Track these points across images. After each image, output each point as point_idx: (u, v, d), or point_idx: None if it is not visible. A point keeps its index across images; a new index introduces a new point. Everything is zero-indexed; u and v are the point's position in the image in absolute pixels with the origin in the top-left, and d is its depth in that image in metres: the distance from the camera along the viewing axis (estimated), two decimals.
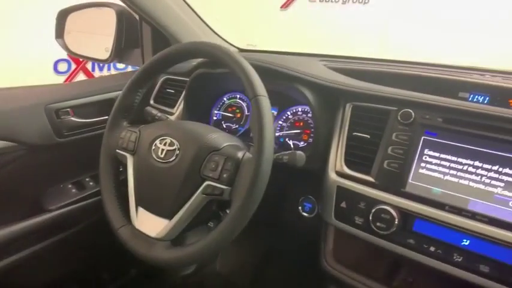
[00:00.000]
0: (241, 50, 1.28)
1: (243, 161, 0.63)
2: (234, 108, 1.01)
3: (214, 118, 1.03)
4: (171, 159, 0.67)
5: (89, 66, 2.69)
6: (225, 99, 1.02)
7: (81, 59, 2.55)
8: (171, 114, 1.02)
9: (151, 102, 1.08)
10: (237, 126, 1.00)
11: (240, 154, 0.64)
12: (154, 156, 0.68)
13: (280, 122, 0.93)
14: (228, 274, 1.33)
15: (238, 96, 1.02)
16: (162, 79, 1.08)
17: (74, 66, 2.63)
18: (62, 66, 2.56)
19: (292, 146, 0.90)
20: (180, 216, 0.65)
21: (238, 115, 1.00)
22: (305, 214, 0.82)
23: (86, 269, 1.12)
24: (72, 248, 1.03)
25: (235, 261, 1.36)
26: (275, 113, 0.94)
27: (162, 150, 0.68)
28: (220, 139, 0.68)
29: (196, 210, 0.65)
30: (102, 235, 0.72)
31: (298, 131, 0.90)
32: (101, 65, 2.74)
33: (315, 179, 0.78)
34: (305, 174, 0.80)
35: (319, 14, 2.88)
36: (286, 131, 0.92)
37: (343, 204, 0.70)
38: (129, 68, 2.16)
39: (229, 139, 0.69)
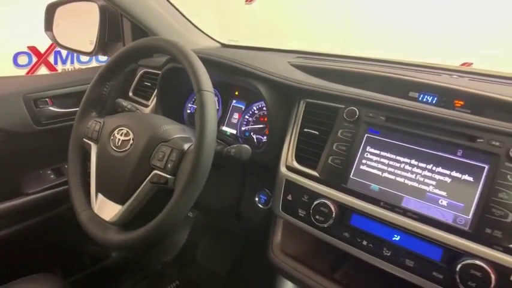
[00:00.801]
0: (224, 45, 1.30)
1: (188, 152, 0.66)
2: None
3: (188, 111, 1.07)
4: (125, 149, 0.71)
5: (51, 59, 2.58)
6: None
7: (42, 50, 2.50)
8: (147, 106, 1.06)
9: (130, 94, 1.12)
10: None
11: (186, 146, 0.67)
12: (112, 145, 0.73)
13: (246, 117, 0.95)
14: (207, 263, 1.38)
15: None
16: (140, 72, 1.12)
17: (35, 59, 2.51)
18: (22, 59, 2.46)
19: (255, 140, 0.93)
20: (130, 202, 0.69)
21: None
22: (260, 206, 0.85)
23: (67, 252, 1.18)
24: (52, 230, 1.09)
25: (215, 252, 1.40)
26: (242, 107, 0.96)
27: (119, 140, 0.72)
28: (171, 131, 0.71)
29: (146, 197, 0.69)
30: None
31: (262, 126, 0.92)
32: (64, 57, 2.65)
33: (272, 173, 0.81)
34: (264, 169, 0.83)
35: (283, 7, 2.84)
36: (252, 125, 0.94)
37: (290, 197, 0.73)
38: (93, 62, 2.17)
39: (180, 131, 0.72)
